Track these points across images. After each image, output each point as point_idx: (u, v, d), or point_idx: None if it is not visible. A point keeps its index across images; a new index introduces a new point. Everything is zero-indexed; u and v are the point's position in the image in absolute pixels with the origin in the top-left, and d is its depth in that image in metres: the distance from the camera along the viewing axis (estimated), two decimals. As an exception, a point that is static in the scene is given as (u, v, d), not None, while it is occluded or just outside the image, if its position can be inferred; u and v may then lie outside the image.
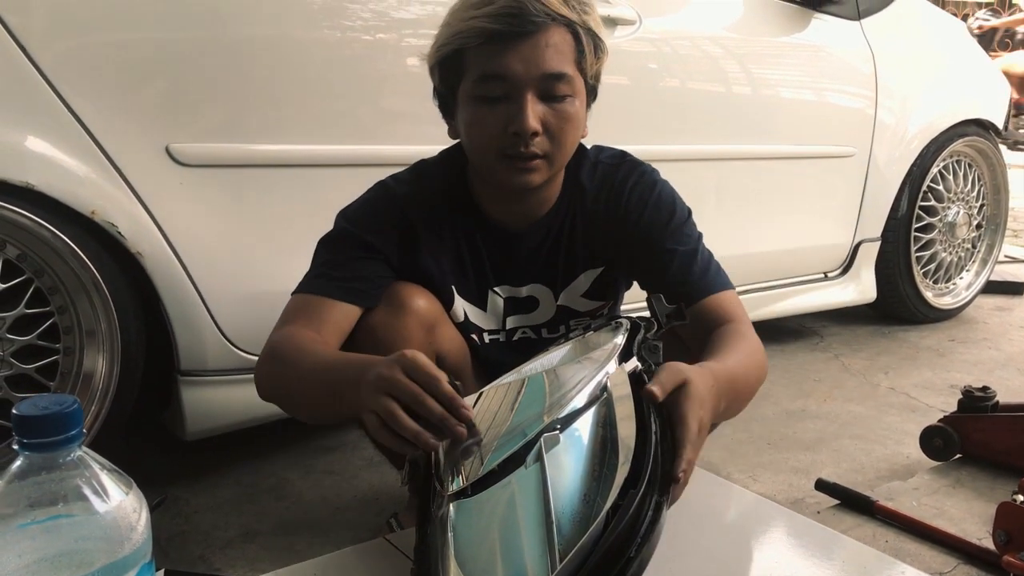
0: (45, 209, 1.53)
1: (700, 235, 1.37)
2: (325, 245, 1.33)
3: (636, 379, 0.95)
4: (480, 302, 1.40)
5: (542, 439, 0.85)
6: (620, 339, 1.03)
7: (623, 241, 1.36)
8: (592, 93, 1.31)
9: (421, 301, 1.32)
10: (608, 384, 0.93)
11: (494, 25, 1.17)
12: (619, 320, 1.13)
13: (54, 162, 1.53)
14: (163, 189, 1.65)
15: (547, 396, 0.96)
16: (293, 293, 1.30)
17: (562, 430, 0.86)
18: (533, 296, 1.41)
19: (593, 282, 1.41)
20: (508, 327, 1.43)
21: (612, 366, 0.96)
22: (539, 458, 0.83)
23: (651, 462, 0.83)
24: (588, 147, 1.40)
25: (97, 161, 1.57)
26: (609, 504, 0.77)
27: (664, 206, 1.36)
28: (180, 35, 1.64)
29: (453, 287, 1.37)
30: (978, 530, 1.58)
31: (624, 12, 2.18)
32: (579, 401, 0.89)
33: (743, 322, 1.28)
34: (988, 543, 1.49)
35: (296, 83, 1.77)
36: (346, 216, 1.34)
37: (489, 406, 1.00)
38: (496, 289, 1.39)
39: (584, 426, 0.87)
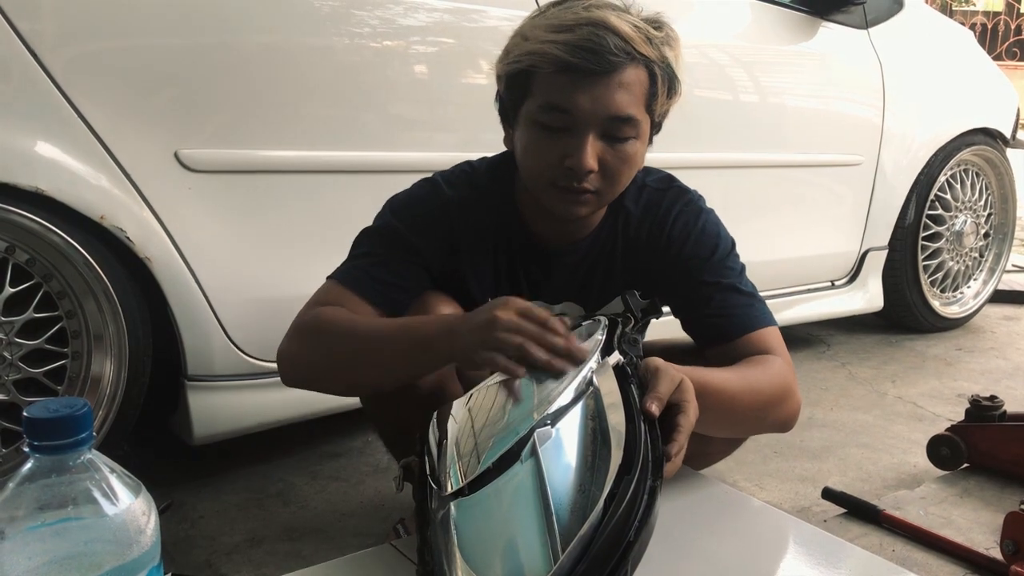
0: (54, 214, 1.54)
1: (743, 267, 1.34)
2: (369, 236, 1.31)
3: (620, 371, 0.98)
4: None
5: (535, 434, 0.87)
6: (600, 335, 1.05)
7: (663, 269, 1.33)
8: (656, 128, 1.26)
9: (448, 311, 1.30)
10: (594, 378, 0.95)
11: (570, 57, 1.12)
12: (596, 318, 1.14)
13: (64, 167, 1.54)
14: (172, 194, 1.66)
15: (535, 394, 0.98)
16: (328, 277, 1.29)
17: (553, 424, 0.88)
18: (565, 314, 1.39)
19: None
20: None
21: (595, 360, 0.98)
22: (533, 452, 0.85)
23: (642, 448, 0.86)
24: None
25: (106, 166, 1.58)
26: (606, 492, 0.80)
27: (708, 238, 1.32)
28: (189, 41, 1.65)
29: (489, 298, 1.36)
30: (985, 540, 1.57)
31: (632, 20, 2.18)
32: (567, 396, 0.92)
33: (778, 355, 1.25)
34: (996, 553, 1.49)
35: (304, 90, 1.78)
36: (394, 210, 1.32)
37: (482, 405, 1.02)
38: None
39: (574, 419, 0.90)
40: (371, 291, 1.26)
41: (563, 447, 0.87)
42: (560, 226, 1.32)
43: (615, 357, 1.00)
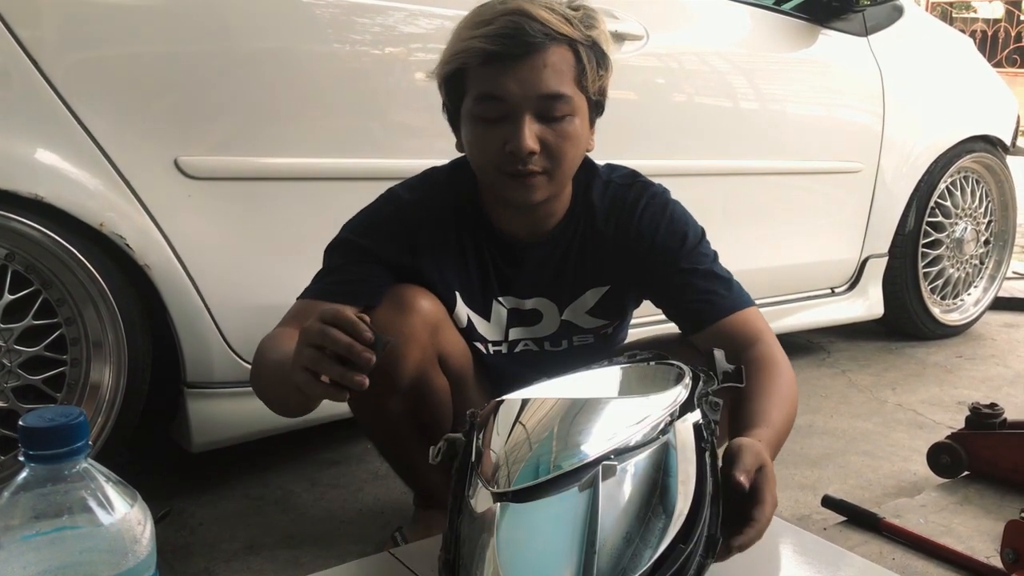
0: (54, 221, 1.54)
1: (715, 253, 1.37)
2: (326, 254, 1.36)
3: (696, 432, 0.94)
4: (484, 311, 1.41)
5: (600, 466, 0.84)
6: (683, 388, 0.99)
7: (635, 263, 1.36)
8: (597, 108, 1.30)
9: (425, 302, 1.33)
10: (672, 432, 0.91)
11: (492, 46, 1.18)
12: (679, 366, 1.07)
13: (64, 174, 1.54)
14: (171, 202, 1.66)
15: (606, 422, 0.93)
16: (298, 298, 1.33)
17: (620, 462, 0.85)
18: (537, 309, 1.41)
19: (599, 300, 1.41)
20: (511, 338, 1.43)
21: (675, 413, 0.94)
22: (593, 484, 0.83)
23: (704, 522, 0.84)
24: (600, 165, 1.40)
25: (106, 173, 1.58)
26: (659, 552, 0.79)
27: (677, 228, 1.35)
28: (189, 49, 1.66)
29: (456, 293, 1.38)
30: (986, 548, 1.57)
31: (631, 28, 2.19)
32: (641, 439, 0.88)
33: (771, 343, 1.28)
34: (996, 561, 1.48)
35: (304, 97, 1.78)
36: (347, 225, 1.37)
37: (545, 413, 0.97)
38: (500, 299, 1.40)
39: (641, 464, 0.87)
40: (329, 293, 1.30)
41: (623, 489, 0.84)
42: (524, 219, 1.35)
43: (696, 415, 0.96)
